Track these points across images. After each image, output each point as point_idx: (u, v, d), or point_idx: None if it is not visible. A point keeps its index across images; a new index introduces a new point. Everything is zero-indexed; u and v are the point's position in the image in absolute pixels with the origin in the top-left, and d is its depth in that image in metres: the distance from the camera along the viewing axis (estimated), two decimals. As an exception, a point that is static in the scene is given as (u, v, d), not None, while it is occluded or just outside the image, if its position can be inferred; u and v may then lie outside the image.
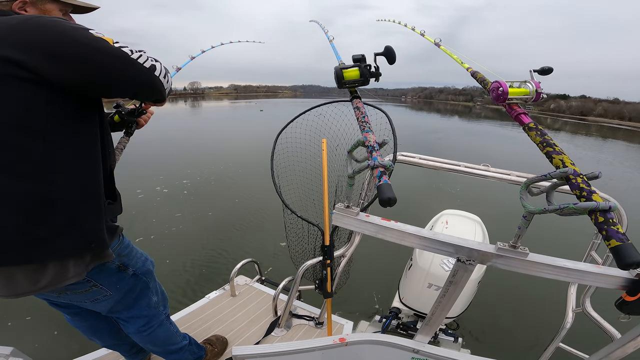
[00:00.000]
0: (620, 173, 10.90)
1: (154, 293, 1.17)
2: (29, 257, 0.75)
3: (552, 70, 0.74)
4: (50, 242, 0.75)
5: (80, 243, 0.80)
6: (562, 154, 0.59)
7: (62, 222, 0.77)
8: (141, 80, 0.82)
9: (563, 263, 0.60)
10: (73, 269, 0.82)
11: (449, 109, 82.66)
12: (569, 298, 1.41)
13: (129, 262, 1.03)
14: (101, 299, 0.98)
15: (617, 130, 45.85)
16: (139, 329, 1.16)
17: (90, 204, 0.82)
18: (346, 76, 0.84)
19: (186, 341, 1.40)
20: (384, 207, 0.54)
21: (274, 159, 1.47)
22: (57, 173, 0.75)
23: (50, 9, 0.87)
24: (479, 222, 2.23)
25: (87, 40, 0.74)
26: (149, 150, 9.52)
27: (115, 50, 0.77)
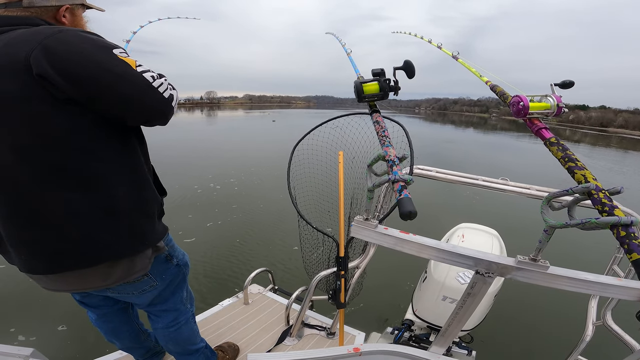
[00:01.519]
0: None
1: (186, 288, 1.23)
2: (97, 260, 0.85)
3: (574, 84, 0.74)
4: (116, 246, 0.85)
5: (141, 242, 0.91)
6: (584, 169, 0.59)
7: (126, 227, 0.86)
8: (158, 110, 0.83)
9: (584, 276, 0.60)
10: (139, 264, 0.93)
11: (463, 120, 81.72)
12: (589, 311, 1.38)
13: (174, 253, 1.10)
14: (148, 289, 1.05)
15: (638, 142, 44.32)
16: (169, 324, 1.20)
17: (146, 208, 0.92)
18: (366, 90, 0.86)
19: (204, 344, 1.42)
20: (404, 220, 0.55)
21: (290, 169, 1.49)
22: (116, 187, 0.83)
23: (79, 15, 0.91)
24: (496, 236, 2.19)
25: (110, 64, 0.74)
26: (166, 156, 9.70)
27: (137, 77, 0.77)
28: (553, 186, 1.30)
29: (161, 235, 0.99)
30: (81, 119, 0.75)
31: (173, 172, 8.24)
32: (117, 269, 0.89)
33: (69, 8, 0.86)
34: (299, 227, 1.74)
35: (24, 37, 0.71)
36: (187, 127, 24.53)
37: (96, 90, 0.74)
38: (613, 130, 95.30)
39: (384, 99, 0.87)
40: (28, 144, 0.73)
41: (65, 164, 0.76)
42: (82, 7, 0.92)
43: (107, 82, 0.74)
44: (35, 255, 0.82)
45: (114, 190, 0.82)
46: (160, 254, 1.02)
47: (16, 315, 2.88)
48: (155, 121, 0.87)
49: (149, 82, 0.78)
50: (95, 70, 0.72)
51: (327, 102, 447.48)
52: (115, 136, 0.83)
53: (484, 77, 1.00)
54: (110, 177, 0.82)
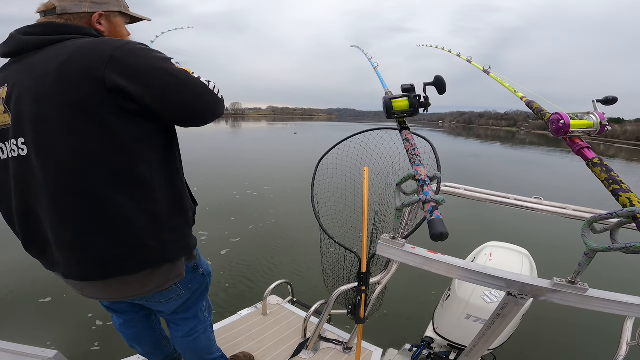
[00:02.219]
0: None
1: (206, 297, 1.24)
2: (141, 266, 0.87)
3: (617, 100, 0.70)
4: (159, 252, 0.88)
5: (180, 248, 0.94)
6: (629, 192, 0.56)
7: (167, 234, 0.88)
8: (217, 110, 0.89)
9: (624, 298, 0.58)
10: (175, 271, 0.95)
11: (490, 134, 79.45)
12: (624, 331, 1.32)
13: (200, 263, 1.11)
14: (174, 298, 1.06)
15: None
16: (188, 332, 1.21)
17: (185, 215, 0.95)
18: (395, 106, 0.85)
19: (220, 353, 1.42)
20: (435, 241, 0.54)
21: (314, 184, 1.49)
22: (161, 192, 0.86)
23: (119, 23, 0.94)
24: (527, 255, 2.08)
25: (175, 72, 0.80)
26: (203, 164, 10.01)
27: (198, 83, 0.83)
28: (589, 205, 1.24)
29: (195, 242, 1.02)
30: (142, 128, 0.81)
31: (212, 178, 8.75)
32: (156, 275, 0.91)
33: (104, 15, 0.88)
34: (321, 241, 1.74)
35: (92, 47, 0.76)
36: (217, 136, 25.39)
37: (166, 96, 0.79)
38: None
39: (414, 115, 0.86)
40: (94, 151, 0.76)
41: (124, 170, 0.79)
42: (122, 15, 0.94)
43: (176, 88, 0.79)
44: (89, 260, 0.83)
45: (159, 195, 0.85)
46: (190, 262, 1.04)
47: (41, 318, 2.99)
48: (211, 121, 0.92)
49: (207, 85, 0.84)
50: (164, 78, 0.78)
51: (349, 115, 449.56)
52: (165, 145, 0.88)
53: (518, 93, 0.97)
54: (157, 183, 0.85)
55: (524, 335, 2.45)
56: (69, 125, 0.74)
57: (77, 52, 0.75)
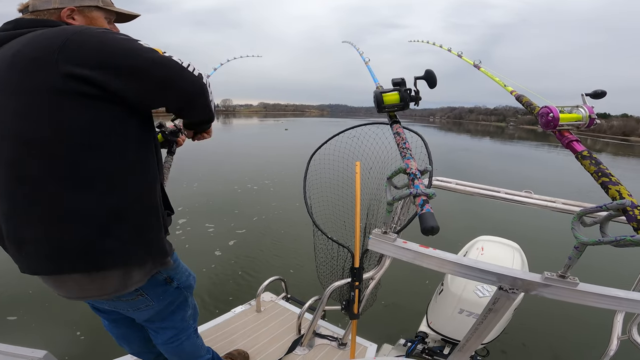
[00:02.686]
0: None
1: (189, 307, 1.19)
2: (99, 265, 0.80)
3: (606, 93, 0.71)
4: (118, 252, 0.80)
5: (142, 252, 0.85)
6: (618, 185, 0.56)
7: (128, 233, 0.81)
8: (196, 88, 0.84)
9: (615, 292, 0.57)
10: (137, 276, 0.87)
11: (479, 129, 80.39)
12: (614, 325, 1.32)
13: (175, 275, 1.04)
14: (143, 308, 1.00)
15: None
16: (168, 340, 1.17)
17: (153, 215, 0.87)
18: (386, 100, 0.84)
19: (209, 355, 1.40)
20: (426, 235, 0.54)
21: (306, 179, 1.48)
22: (124, 187, 0.80)
23: (96, 17, 0.90)
24: (518, 249, 2.11)
25: (141, 51, 0.76)
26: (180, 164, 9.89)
27: (168, 60, 0.78)
28: (576, 198, 1.25)
29: (168, 249, 0.93)
30: (103, 116, 0.75)
31: (211, 174, 9.04)
32: (112, 279, 0.84)
33: (77, 10, 0.86)
34: (314, 237, 1.74)
35: (50, 34, 0.73)
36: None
37: (134, 76, 0.75)
38: (635, 139, 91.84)
39: (405, 110, 0.85)
40: (41, 138, 0.72)
41: (77, 160, 0.74)
42: (101, 10, 0.91)
43: (143, 66, 0.75)
44: (36, 254, 0.78)
45: (121, 191, 0.79)
46: (156, 275, 0.96)
47: (31, 318, 2.94)
48: (196, 101, 0.87)
49: (179, 62, 0.80)
50: (129, 57, 0.74)
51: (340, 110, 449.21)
52: (134, 137, 0.82)
53: (508, 87, 0.97)
54: (120, 177, 0.79)
55: (516, 329, 2.51)
56: (20, 113, 0.72)
57: (33, 40, 0.73)
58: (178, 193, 6.98)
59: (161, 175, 0.98)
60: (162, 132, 1.25)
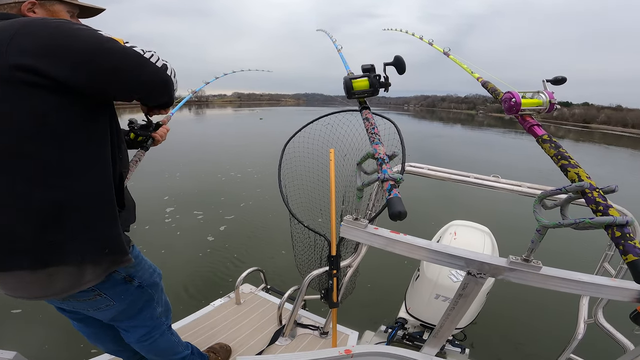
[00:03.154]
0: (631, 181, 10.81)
1: (158, 304, 1.16)
2: (44, 262, 0.76)
3: (566, 80, 0.72)
4: (65, 248, 0.77)
5: (95, 248, 0.81)
6: (577, 167, 0.58)
7: (77, 228, 0.78)
8: (155, 79, 0.82)
9: (577, 276, 0.59)
10: (89, 274, 0.83)
11: (451, 117, 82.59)
12: (580, 309, 1.38)
13: (136, 273, 1.01)
14: (104, 308, 0.97)
15: (620, 138, 45.74)
16: (140, 338, 1.15)
17: (104, 210, 0.83)
18: (355, 86, 0.83)
19: (188, 351, 1.38)
20: (394, 220, 0.53)
21: (281, 167, 1.46)
22: (71, 179, 0.76)
23: (58, 10, 0.88)
24: (488, 233, 2.19)
25: (97, 40, 0.74)
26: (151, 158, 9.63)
27: (127, 50, 0.77)
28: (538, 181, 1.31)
29: (125, 246, 0.88)
30: (50, 104, 0.72)
31: (192, 164, 9.15)
32: (61, 277, 0.80)
33: (37, 4, 0.84)
34: (291, 225, 1.73)
35: (3, 26, 0.70)
36: (184, 125, 24.55)
37: (90, 65, 0.72)
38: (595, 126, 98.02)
39: (374, 96, 0.84)
40: None
41: (21, 150, 0.71)
42: (62, 3, 0.89)
43: (100, 56, 0.73)
44: None
45: (68, 182, 0.75)
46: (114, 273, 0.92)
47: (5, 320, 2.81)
48: (157, 94, 0.86)
49: (139, 53, 0.78)
50: (85, 46, 0.72)
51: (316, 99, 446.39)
52: (86, 125, 0.78)
53: (475, 74, 0.99)
54: (67, 168, 0.75)
55: (493, 314, 2.61)
56: None
57: None
58: (162, 183, 7.30)
59: (122, 165, 0.94)
60: (131, 129, 1.19)
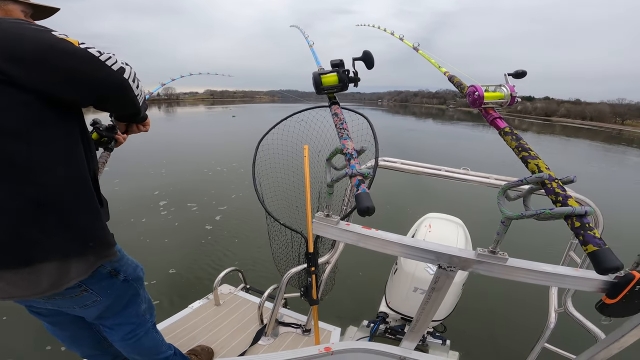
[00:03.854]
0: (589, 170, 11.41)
1: (142, 301, 1.14)
2: (26, 261, 0.76)
3: (526, 73, 0.74)
4: (46, 244, 0.77)
5: (78, 243, 0.81)
6: (537, 159, 0.59)
7: (56, 224, 0.77)
8: (109, 82, 0.79)
9: (543, 267, 0.60)
10: (75, 270, 0.83)
11: (423, 111, 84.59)
12: (550, 298, 1.41)
13: (121, 267, 1.01)
14: (90, 304, 0.96)
15: (579, 130, 48.83)
16: (125, 336, 1.12)
17: (85, 204, 0.83)
18: (324, 82, 0.82)
19: (171, 351, 1.35)
20: (362, 216, 0.53)
21: (255, 165, 1.44)
22: (46, 175, 0.75)
23: (12, 9, 0.85)
24: (462, 225, 2.24)
25: (49, 41, 0.72)
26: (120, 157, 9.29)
27: (80, 51, 0.74)
28: (502, 173, 1.33)
29: (109, 240, 0.89)
30: (14, 99, 0.70)
31: (176, 162, 9.32)
32: (46, 274, 0.79)
33: None
34: (267, 224, 1.70)
35: None
36: (157, 123, 23.79)
37: (41, 67, 0.71)
38: (556, 119, 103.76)
39: (344, 91, 0.84)
40: None
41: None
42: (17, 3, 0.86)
43: (51, 57, 0.71)
44: None
45: (44, 178, 0.75)
46: (99, 268, 0.92)
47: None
48: (112, 97, 0.84)
49: (93, 55, 0.76)
50: (36, 47, 0.70)
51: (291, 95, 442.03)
52: (55, 121, 0.77)
53: (442, 68, 1.01)
54: (40, 163, 0.75)
55: (471, 306, 2.63)
56: None
57: None
58: (149, 179, 7.60)
59: (94, 163, 0.93)
60: (95, 128, 1.15)
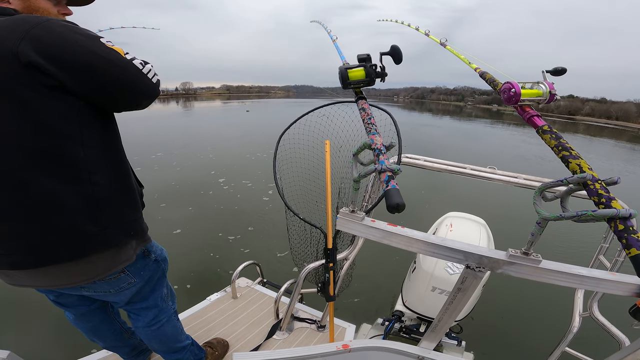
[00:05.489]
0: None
1: (165, 285, 1.20)
2: (82, 252, 0.83)
3: (566, 70, 0.71)
4: (99, 237, 0.84)
5: (126, 233, 0.91)
6: (579, 159, 0.56)
7: (108, 217, 0.85)
8: (149, 94, 0.86)
9: (577, 270, 0.58)
10: (122, 256, 0.92)
11: (440, 108, 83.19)
12: (575, 302, 1.37)
13: (151, 248, 1.08)
14: (125, 286, 1.02)
15: (604, 129, 46.95)
16: (149, 322, 1.17)
17: (129, 198, 0.92)
18: (351, 76, 0.82)
19: (189, 341, 1.39)
20: (391, 212, 0.51)
21: (276, 160, 1.44)
22: (98, 174, 0.82)
23: (39, 2, 0.86)
24: (484, 225, 2.18)
25: (101, 51, 0.76)
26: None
27: (126, 63, 0.79)
28: (528, 171, 1.30)
29: (146, 227, 0.99)
30: (68, 105, 0.75)
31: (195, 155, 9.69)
32: (99, 261, 0.88)
33: None
34: (287, 219, 1.71)
35: (6, 25, 0.71)
36: (173, 118, 24.25)
37: (90, 76, 0.75)
38: (580, 118, 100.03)
39: (370, 86, 0.83)
40: (13, 131, 0.72)
41: (50, 151, 0.75)
42: None
43: (101, 68, 0.76)
44: (19, 249, 0.79)
45: (97, 177, 0.82)
46: (140, 249, 1.01)
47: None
48: (144, 105, 0.90)
49: (139, 68, 0.81)
50: (88, 57, 0.74)
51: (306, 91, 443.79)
52: (99, 123, 0.83)
53: (472, 64, 0.98)
54: (93, 164, 0.81)
55: (488, 306, 2.61)
56: None
57: None
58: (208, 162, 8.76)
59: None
60: None
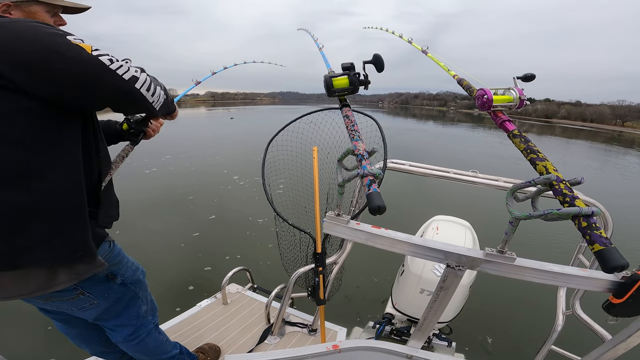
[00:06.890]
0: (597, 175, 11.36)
1: (143, 302, 1.15)
2: (14, 265, 0.76)
3: (535, 77, 0.75)
4: (35, 251, 0.76)
5: (66, 252, 0.81)
6: (545, 161, 0.61)
7: (46, 231, 0.77)
8: (118, 92, 0.78)
9: (550, 267, 0.61)
10: (62, 276, 0.83)
11: (424, 113, 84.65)
12: (558, 301, 1.41)
13: (119, 271, 1.02)
14: (87, 307, 0.97)
15: (580, 131, 48.95)
16: (126, 337, 1.14)
17: (74, 213, 0.82)
18: (336, 84, 0.84)
19: (177, 350, 1.37)
20: (373, 215, 0.54)
21: (265, 166, 1.46)
22: (39, 182, 0.75)
23: (35, 11, 0.85)
24: (469, 228, 2.23)
25: (59, 47, 0.71)
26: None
27: (90, 59, 0.73)
28: (501, 174, 1.34)
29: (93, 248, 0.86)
30: (14, 105, 0.71)
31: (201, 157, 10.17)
32: (33, 278, 0.80)
33: (12, 5, 0.82)
34: (276, 224, 1.73)
35: None
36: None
37: (44, 75, 0.71)
38: (556, 121, 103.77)
39: (354, 93, 0.86)
40: None
41: None
42: (40, 4, 0.86)
43: (57, 65, 0.71)
44: None
45: (36, 186, 0.75)
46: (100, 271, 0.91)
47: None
48: (122, 104, 0.84)
49: (104, 64, 0.74)
50: (43, 55, 0.70)
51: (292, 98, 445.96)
52: (52, 127, 0.77)
53: (451, 71, 1.02)
54: (37, 171, 0.74)
55: (477, 308, 2.68)
56: None
57: None
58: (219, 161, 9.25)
59: (101, 165, 0.92)
60: (126, 119, 1.16)
